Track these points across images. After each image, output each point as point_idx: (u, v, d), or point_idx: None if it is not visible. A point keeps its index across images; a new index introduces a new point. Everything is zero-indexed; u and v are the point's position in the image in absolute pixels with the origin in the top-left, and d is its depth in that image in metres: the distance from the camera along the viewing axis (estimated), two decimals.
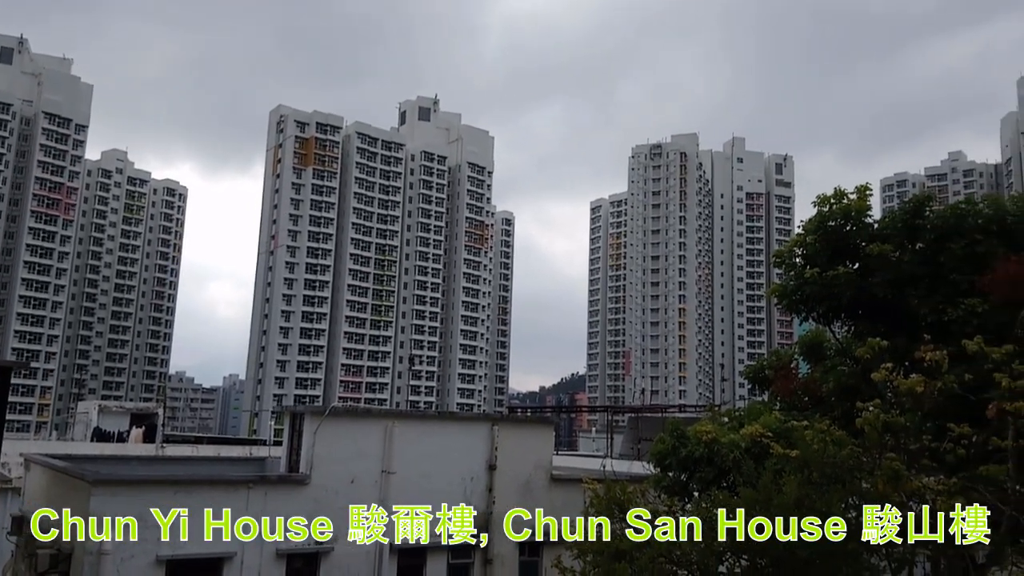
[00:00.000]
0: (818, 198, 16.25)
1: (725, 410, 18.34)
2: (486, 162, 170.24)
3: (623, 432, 58.37)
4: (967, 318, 12.96)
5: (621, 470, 22.68)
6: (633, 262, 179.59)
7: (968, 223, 14.00)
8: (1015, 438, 9.69)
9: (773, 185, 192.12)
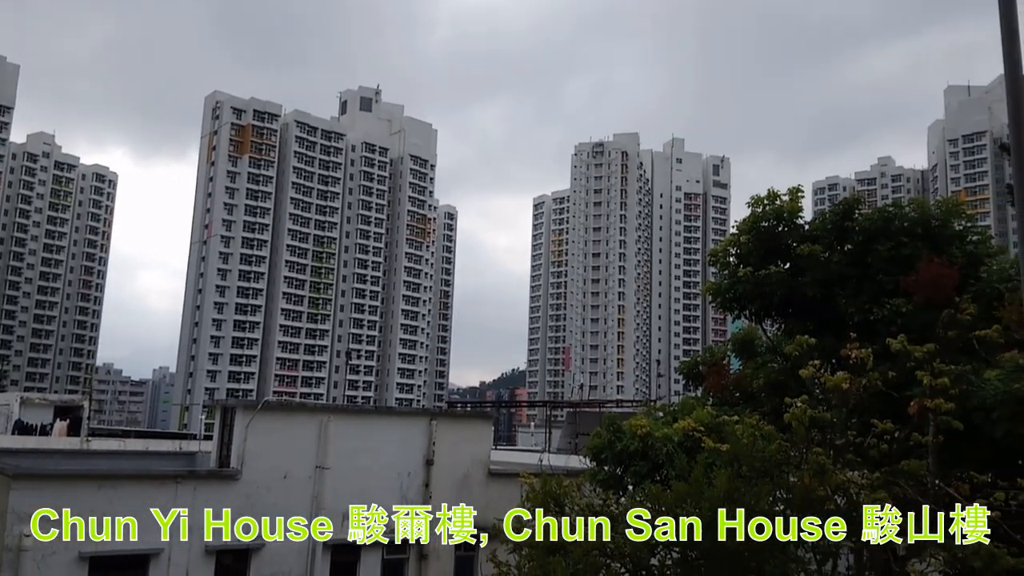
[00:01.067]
0: (752, 199, 16.61)
1: (660, 405, 18.62)
2: (429, 155, 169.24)
3: (562, 427, 58.85)
4: (892, 317, 13.40)
5: (558, 464, 22.83)
6: (574, 259, 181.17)
7: (894, 226, 14.47)
8: (935, 434, 10.08)
9: (710, 186, 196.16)
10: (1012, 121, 5.41)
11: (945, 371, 10.04)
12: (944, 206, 14.71)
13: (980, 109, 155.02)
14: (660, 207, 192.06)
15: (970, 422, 10.58)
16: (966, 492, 9.42)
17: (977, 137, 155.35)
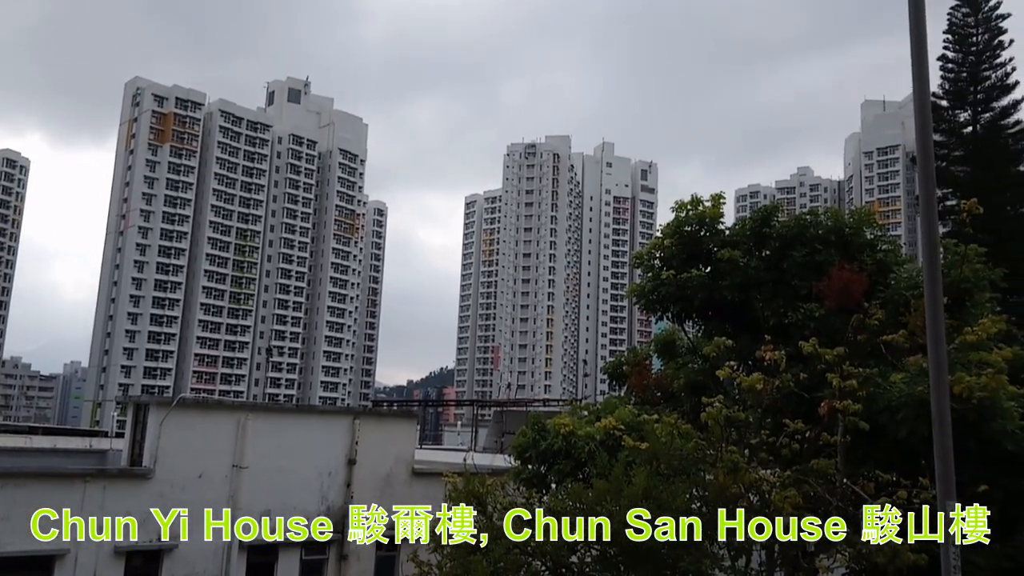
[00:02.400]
0: (676, 204, 16.94)
1: (585, 404, 18.83)
2: (359, 149, 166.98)
3: (488, 426, 58.88)
4: (805, 321, 13.87)
5: (484, 463, 22.81)
6: (505, 258, 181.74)
7: (809, 233, 14.98)
8: (843, 434, 10.49)
9: (639, 190, 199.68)
10: (919, 135, 5.68)
11: (854, 374, 10.45)
12: (857, 216, 15.31)
13: (894, 123, 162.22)
14: (590, 209, 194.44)
15: (876, 423, 11.04)
16: (871, 490, 9.83)
17: (891, 150, 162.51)
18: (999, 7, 35.24)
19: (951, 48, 35.54)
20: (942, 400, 5.77)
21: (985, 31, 35.18)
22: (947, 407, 5.82)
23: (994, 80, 34.81)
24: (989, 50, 35.02)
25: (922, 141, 5.72)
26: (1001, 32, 35.00)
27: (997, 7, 35.24)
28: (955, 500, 5.77)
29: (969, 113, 34.93)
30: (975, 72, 34.85)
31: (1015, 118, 34.77)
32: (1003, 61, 34.82)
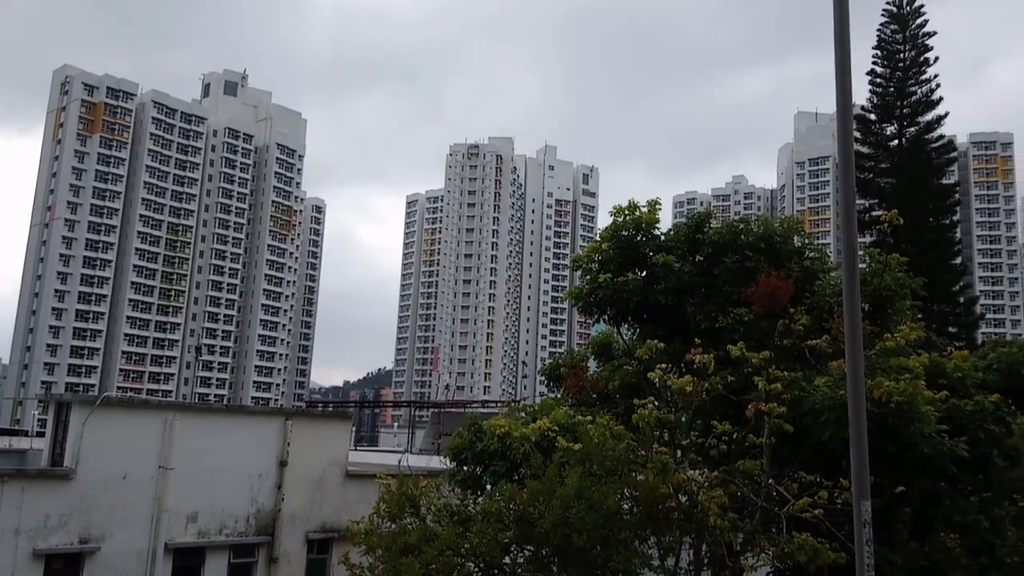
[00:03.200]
0: (614, 208, 17.17)
1: (523, 405, 18.90)
2: (297, 145, 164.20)
3: (426, 427, 58.58)
4: (735, 326, 14.20)
5: (420, 465, 22.69)
6: (446, 259, 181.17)
7: (741, 240, 15.35)
8: (769, 436, 10.79)
9: (580, 194, 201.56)
10: (840, 148, 5.89)
11: (779, 377, 10.76)
12: (785, 224, 15.75)
13: (825, 135, 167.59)
14: (532, 212, 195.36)
15: (801, 425, 11.38)
16: (794, 491, 10.14)
17: (822, 161, 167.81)
18: (926, 25, 36.80)
19: (880, 63, 36.95)
20: (858, 403, 5.99)
21: (912, 48, 36.66)
22: (863, 410, 6.05)
23: (920, 96, 36.33)
24: (916, 66, 36.51)
25: (843, 153, 5.94)
26: (927, 49, 36.54)
27: (924, 25, 36.77)
28: (869, 500, 5.99)
29: (896, 127, 36.38)
30: (902, 87, 36.30)
31: (939, 133, 36.36)
32: (928, 77, 36.39)
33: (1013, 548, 21.55)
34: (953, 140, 39.52)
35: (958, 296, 34.84)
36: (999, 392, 14.11)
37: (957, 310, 34.11)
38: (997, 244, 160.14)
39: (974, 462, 12.94)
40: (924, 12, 36.84)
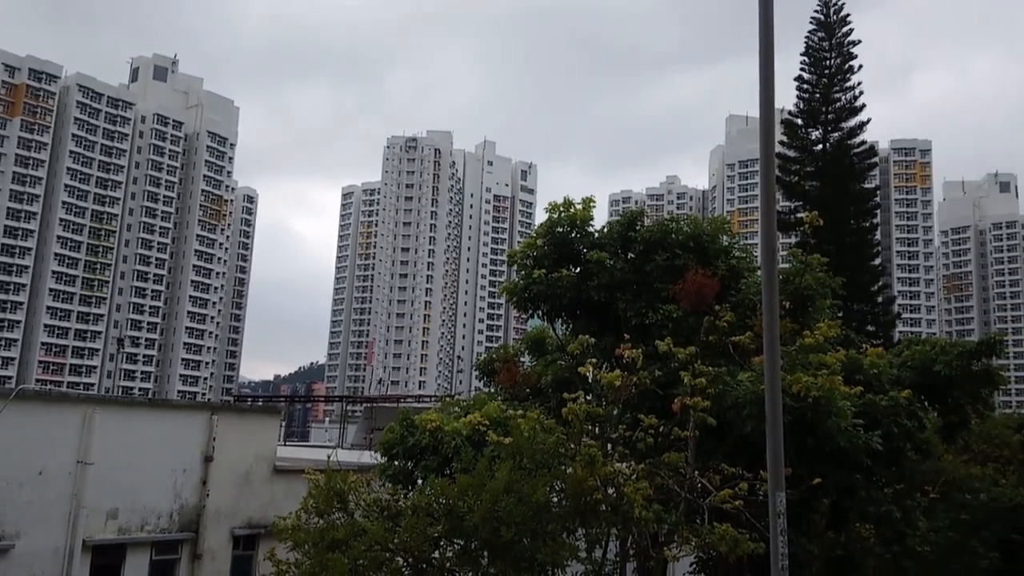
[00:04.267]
0: (549, 205, 17.33)
1: (456, 400, 18.92)
2: (229, 133, 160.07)
3: (358, 422, 57.92)
4: (664, 322, 14.52)
5: (351, 460, 22.46)
6: (383, 252, 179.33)
7: (671, 238, 15.70)
8: (693, 429, 11.08)
9: (518, 190, 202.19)
10: (762, 151, 6.08)
11: (704, 372, 11.06)
12: (713, 223, 16.17)
13: (755, 138, 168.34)
14: (470, 207, 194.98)
15: (724, 419, 11.72)
16: (717, 483, 10.44)
17: (752, 163, 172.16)
18: (851, 34, 38.13)
19: (807, 70, 38.10)
20: (774, 398, 6.22)
21: (838, 56, 37.93)
22: (779, 404, 6.28)
23: (844, 102, 37.62)
24: (841, 74, 37.79)
25: (765, 156, 6.15)
26: (852, 57, 37.86)
27: (849, 34, 38.10)
28: (784, 491, 6.22)
29: (821, 132, 37.58)
30: (827, 94, 37.52)
31: (861, 138, 37.75)
32: (852, 84, 37.69)
33: (924, 538, 22.62)
34: (875, 146, 41.01)
35: (877, 296, 36.26)
36: (913, 388, 14.80)
37: (875, 309, 35.49)
38: (915, 247, 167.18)
39: (888, 455, 13.54)
40: (850, 21, 38.16)
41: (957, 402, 16.17)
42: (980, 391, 16.62)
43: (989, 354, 16.11)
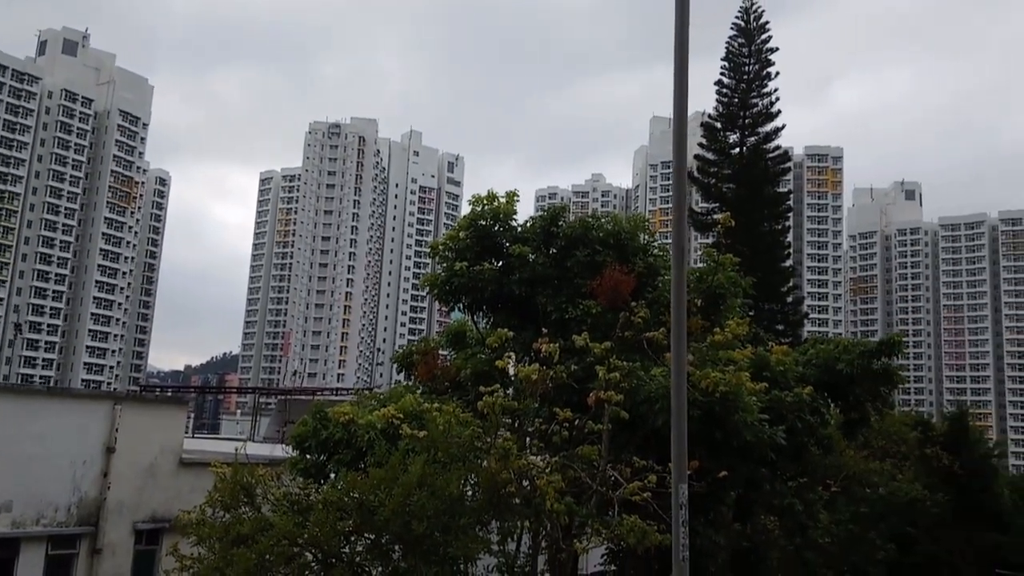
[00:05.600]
0: (473, 198, 17.28)
1: (372, 393, 18.67)
2: (142, 112, 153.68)
3: (271, 415, 56.68)
4: (583, 317, 14.69)
5: (263, 453, 21.95)
6: (302, 240, 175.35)
7: (592, 235, 15.88)
8: (607, 422, 11.23)
9: (445, 182, 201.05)
10: (675, 153, 6.19)
11: (619, 367, 11.23)
12: (633, 222, 16.43)
13: None
14: (395, 197, 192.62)
15: (638, 413, 11.93)
16: (627, 475, 10.62)
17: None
18: (770, 41, 39.32)
19: (727, 75, 39.12)
20: (680, 392, 6.35)
21: (757, 62, 39.07)
22: (684, 398, 6.42)
23: (761, 107, 38.79)
24: (759, 79, 38.94)
25: (677, 157, 6.26)
26: (770, 64, 39.05)
27: (768, 40, 39.28)
28: (687, 483, 6.37)
29: (738, 136, 38.68)
30: (745, 99, 38.62)
31: (776, 143, 39.01)
32: (770, 91, 38.89)
33: (826, 530, 23.67)
34: (789, 151, 42.41)
35: (786, 296, 37.61)
36: (817, 386, 15.40)
37: (785, 309, 36.81)
38: (824, 250, 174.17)
39: (791, 450, 14.06)
40: (769, 29, 39.34)
41: (858, 399, 16.87)
42: (880, 389, 17.37)
43: (889, 354, 16.86)
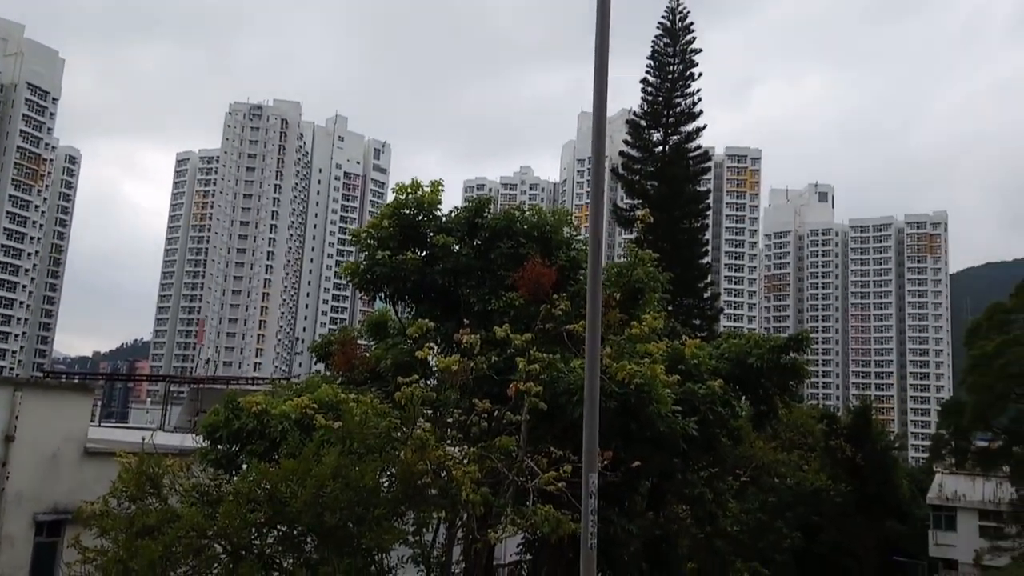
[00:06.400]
0: (397, 186, 17.10)
1: (288, 383, 18.32)
2: (51, 86, 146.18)
3: (183, 404, 54.94)
4: (506, 309, 14.74)
5: (173, 443, 21.27)
6: (219, 224, 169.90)
7: (516, 227, 15.93)
8: (526, 413, 11.33)
9: (370, 169, 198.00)
10: (594, 150, 6.27)
11: (539, 359, 11.33)
12: (557, 215, 16.56)
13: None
14: (318, 182, 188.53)
15: (557, 404, 12.07)
16: (544, 465, 10.74)
17: None
18: (694, 42, 40.17)
19: (652, 73, 39.81)
20: (593, 383, 6.46)
21: (681, 62, 39.86)
22: (596, 389, 6.54)
23: (684, 107, 39.62)
24: (683, 79, 39.75)
25: (596, 150, 6.34)
26: (693, 64, 39.90)
27: (692, 42, 40.12)
28: (597, 472, 6.48)
29: (662, 134, 39.44)
30: (669, 98, 39.39)
31: (698, 143, 39.94)
32: (693, 91, 39.75)
33: (735, 518, 24.46)
34: (710, 151, 43.49)
35: (704, 291, 38.65)
36: (729, 379, 15.87)
37: (702, 304, 37.83)
38: (741, 248, 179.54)
39: (703, 441, 14.46)
40: (694, 30, 40.19)
41: (767, 392, 17.45)
42: (788, 383, 18.02)
43: (797, 349, 17.51)
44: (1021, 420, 32.73)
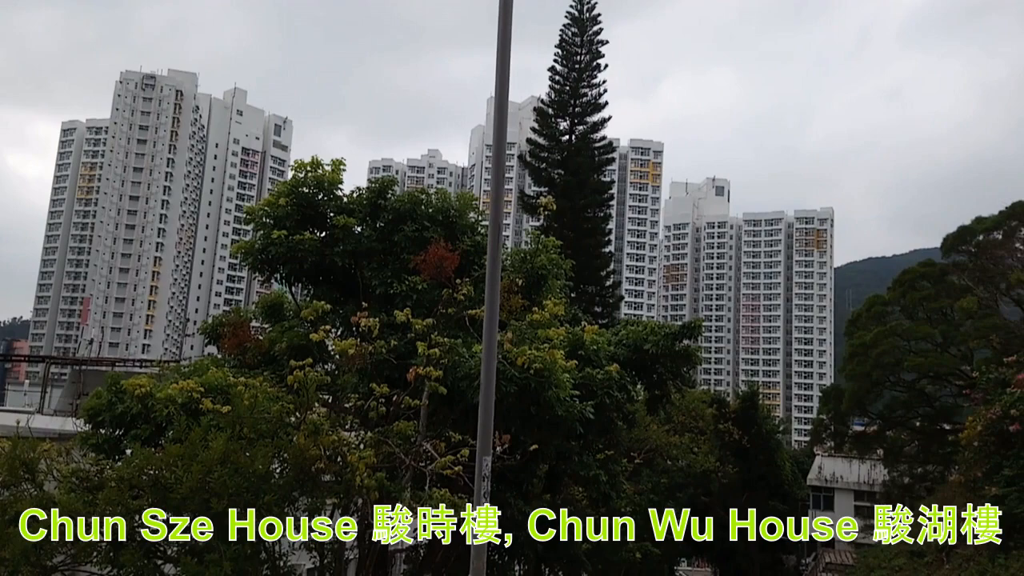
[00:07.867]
0: (296, 163, 16.62)
1: (176, 366, 17.58)
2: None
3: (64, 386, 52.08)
4: (409, 293, 14.57)
5: (52, 427, 20.15)
6: (107, 199, 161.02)
7: (420, 210, 15.75)
8: (426, 398, 11.26)
9: (271, 145, 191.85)
10: (495, 137, 6.23)
11: (440, 343, 11.26)
12: (462, 200, 16.47)
13: (512, 122, 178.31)
14: (215, 157, 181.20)
15: (457, 388, 12.04)
16: (442, 449, 10.71)
17: (508, 145, 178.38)
18: (601, 33, 40.65)
19: (560, 62, 40.10)
20: (489, 367, 6.48)
21: (588, 52, 40.28)
22: (493, 372, 6.57)
23: (590, 97, 40.10)
24: (589, 70, 40.18)
25: (497, 142, 6.33)
26: (600, 55, 40.37)
27: (599, 32, 40.59)
28: (491, 455, 6.51)
29: (568, 123, 39.82)
30: (576, 87, 39.79)
31: (603, 134, 40.53)
32: (599, 82, 40.26)
33: (628, 499, 25.13)
34: (615, 142, 44.14)
35: (606, 279, 39.41)
36: (625, 364, 16.24)
37: (603, 291, 38.58)
38: (642, 238, 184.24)
39: (600, 424, 14.75)
40: (600, 20, 40.67)
41: (661, 378, 17.97)
42: (681, 368, 18.60)
43: (690, 336, 18.09)
44: (894, 407, 34.94)
